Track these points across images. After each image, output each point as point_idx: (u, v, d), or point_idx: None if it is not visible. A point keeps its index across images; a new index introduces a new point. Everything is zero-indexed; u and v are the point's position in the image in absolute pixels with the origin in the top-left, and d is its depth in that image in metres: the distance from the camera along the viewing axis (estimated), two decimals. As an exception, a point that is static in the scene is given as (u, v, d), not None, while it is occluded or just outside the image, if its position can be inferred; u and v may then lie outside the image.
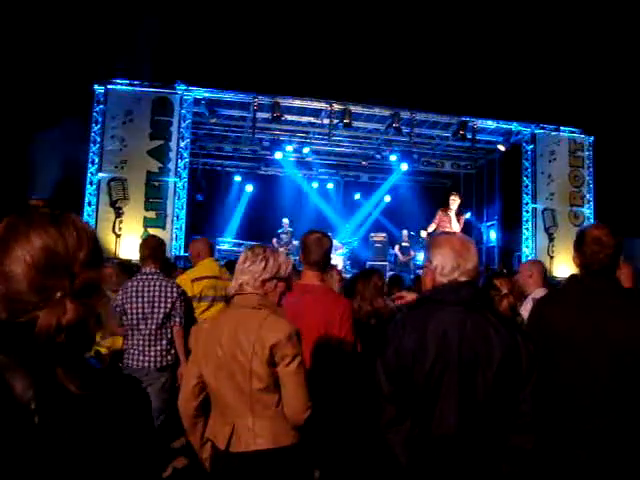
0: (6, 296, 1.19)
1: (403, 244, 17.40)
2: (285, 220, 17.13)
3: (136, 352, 5.12)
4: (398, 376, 2.45)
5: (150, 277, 5.25)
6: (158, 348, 5.13)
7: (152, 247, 5.47)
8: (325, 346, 3.63)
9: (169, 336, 5.20)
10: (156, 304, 5.13)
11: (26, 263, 1.19)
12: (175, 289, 5.25)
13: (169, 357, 5.20)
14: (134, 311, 5.13)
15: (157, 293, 5.15)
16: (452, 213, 12.25)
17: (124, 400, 1.30)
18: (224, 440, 2.73)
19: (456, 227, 12.19)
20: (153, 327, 5.12)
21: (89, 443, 1.18)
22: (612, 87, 16.83)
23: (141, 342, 5.12)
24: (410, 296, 4.90)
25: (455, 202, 12.32)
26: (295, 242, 15.76)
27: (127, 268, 6.48)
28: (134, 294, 5.15)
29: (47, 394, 1.14)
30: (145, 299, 5.13)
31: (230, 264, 10.61)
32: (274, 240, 16.78)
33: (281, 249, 15.98)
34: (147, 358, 5.11)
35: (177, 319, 5.21)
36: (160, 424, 5.17)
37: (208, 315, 5.82)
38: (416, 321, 2.52)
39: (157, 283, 5.20)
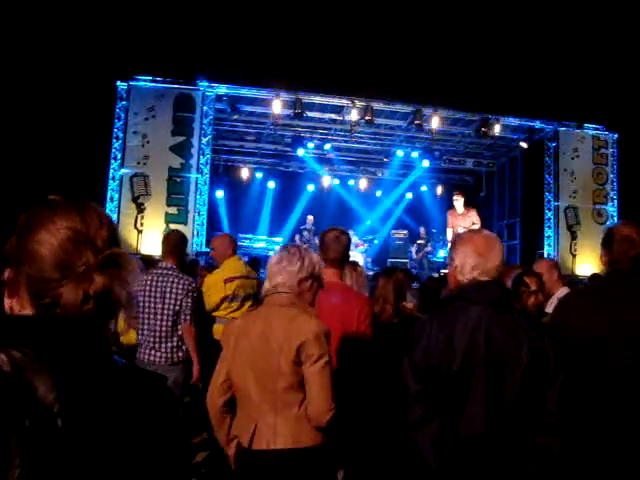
0: (30, 276, 1.23)
1: (419, 242, 17.37)
2: (310, 217, 17.10)
3: (148, 347, 5.14)
4: (426, 376, 2.45)
5: (165, 272, 5.26)
6: (169, 344, 5.13)
7: (173, 243, 5.51)
8: (343, 344, 3.63)
9: (180, 333, 5.19)
10: (166, 299, 5.13)
11: (51, 244, 1.23)
12: (185, 285, 5.21)
13: (180, 353, 5.19)
14: (146, 304, 5.15)
15: (168, 289, 5.16)
16: (460, 211, 12.39)
17: (149, 401, 1.30)
18: (247, 437, 2.73)
19: (469, 223, 12.25)
20: (164, 322, 5.13)
21: (113, 446, 1.18)
22: (637, 84, 16.63)
23: (152, 337, 5.13)
24: (409, 305, 4.90)
25: (459, 201, 12.45)
26: (316, 239, 15.75)
27: (150, 263, 6.50)
28: (147, 288, 5.17)
29: (70, 395, 1.13)
30: (158, 294, 5.15)
31: (253, 261, 10.67)
32: (297, 236, 16.80)
33: (304, 245, 16.01)
34: (158, 353, 5.12)
35: (184, 316, 5.18)
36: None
37: (235, 316, 5.84)
38: (443, 320, 2.51)
39: (170, 279, 5.20)
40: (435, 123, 15.82)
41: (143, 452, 1.24)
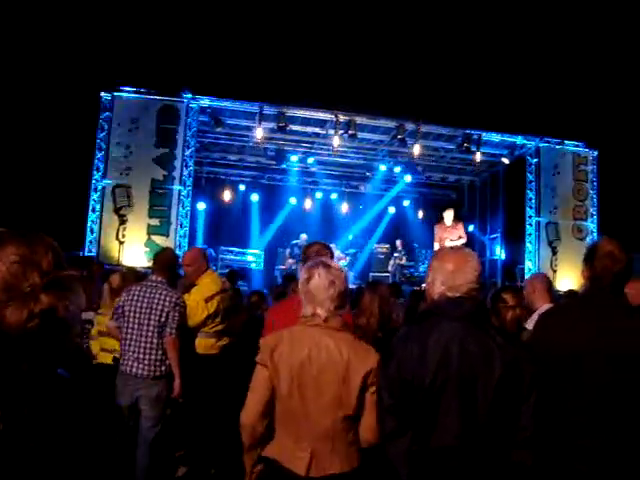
0: None
1: (395, 254, 17.44)
2: (303, 235, 17.00)
3: (131, 359, 5.09)
4: (399, 389, 2.46)
5: (153, 285, 5.26)
6: (153, 357, 5.09)
7: (166, 260, 5.54)
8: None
9: (164, 347, 5.15)
10: (152, 312, 5.11)
11: (0, 270, 1.31)
12: (172, 299, 5.20)
13: (163, 367, 5.14)
14: (131, 315, 5.13)
15: (155, 301, 5.14)
16: (449, 224, 12.54)
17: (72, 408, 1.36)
18: (303, 465, 2.65)
19: (456, 236, 12.36)
20: (149, 334, 5.09)
21: (42, 447, 1.24)
22: (616, 101, 16.84)
23: (136, 349, 5.09)
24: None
25: (448, 214, 12.58)
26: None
27: (136, 275, 6.47)
28: (135, 298, 5.17)
29: (11, 402, 1.19)
30: (145, 305, 5.13)
31: (232, 274, 10.67)
32: (287, 251, 16.81)
33: (291, 260, 16.05)
34: (141, 366, 5.07)
35: (169, 329, 5.14)
36: (158, 433, 5.16)
37: (218, 329, 5.83)
38: (418, 334, 2.53)
39: (158, 292, 5.19)
40: (417, 150, 16.01)
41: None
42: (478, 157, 16.58)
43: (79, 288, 1.42)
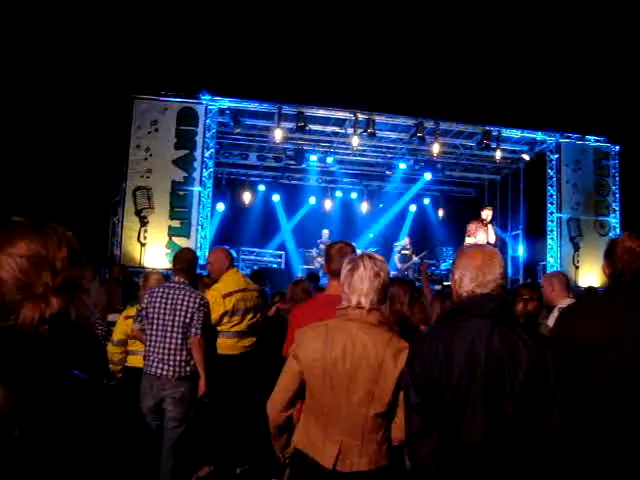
0: None
1: (403, 252, 17.33)
2: (325, 231, 17.08)
3: (156, 360, 5.12)
4: (426, 387, 2.45)
5: (177, 286, 5.28)
6: (177, 358, 5.11)
7: (186, 260, 5.54)
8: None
9: (189, 347, 5.17)
10: (177, 313, 5.13)
11: (11, 267, 1.26)
12: (197, 300, 5.23)
13: (188, 368, 5.17)
14: (155, 316, 5.16)
15: (179, 302, 5.16)
16: (488, 225, 12.38)
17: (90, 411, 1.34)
18: (330, 459, 2.66)
19: (492, 238, 12.26)
20: (174, 335, 5.12)
21: (52, 451, 1.21)
22: (638, 95, 16.66)
23: (161, 350, 5.12)
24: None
25: (489, 216, 12.45)
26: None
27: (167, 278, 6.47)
28: (158, 300, 5.19)
29: (26, 407, 1.17)
30: (168, 307, 5.15)
31: (256, 274, 10.68)
32: (314, 250, 16.85)
33: (320, 259, 16.08)
34: (166, 367, 5.10)
35: (194, 330, 5.16)
36: (183, 433, 5.19)
37: (238, 329, 5.84)
38: (443, 333, 2.52)
39: (182, 292, 5.22)
40: (436, 148, 16.12)
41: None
42: (498, 154, 16.52)
43: (96, 287, 1.40)
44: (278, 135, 15.24)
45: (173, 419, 5.13)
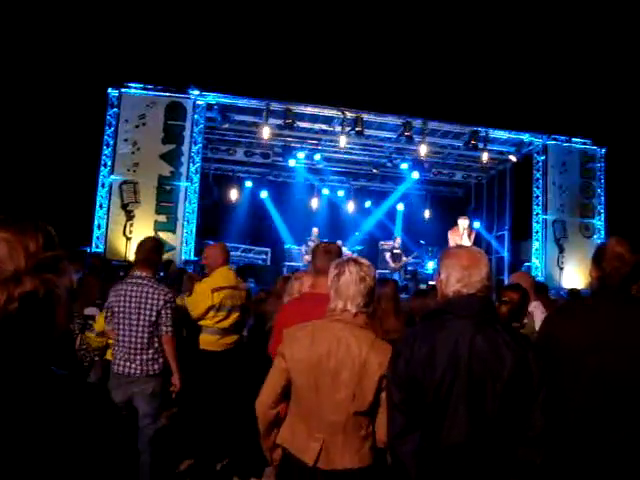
0: None
1: (395, 251, 17.35)
2: (315, 229, 17.00)
3: (122, 359, 4.96)
4: (408, 386, 2.45)
5: (139, 282, 5.02)
6: (144, 357, 4.94)
7: (147, 250, 5.22)
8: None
9: (156, 345, 4.99)
10: (141, 311, 4.93)
11: None
12: (162, 297, 4.99)
13: (156, 366, 4.99)
14: (121, 315, 4.97)
15: (144, 299, 4.94)
16: (462, 233, 12.56)
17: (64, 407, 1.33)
18: (312, 456, 2.69)
19: (467, 242, 12.41)
20: (139, 334, 4.93)
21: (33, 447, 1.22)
22: (624, 98, 16.78)
23: (127, 348, 4.94)
24: None
25: (462, 225, 12.66)
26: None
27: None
28: (122, 297, 4.98)
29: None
30: (133, 305, 4.95)
31: (241, 270, 10.67)
32: (303, 248, 16.80)
33: (307, 257, 16.06)
34: (133, 365, 4.93)
35: (164, 328, 4.99)
36: (159, 429, 5.14)
37: (222, 326, 5.83)
38: (427, 332, 2.53)
39: (145, 289, 4.98)
40: (424, 147, 16.17)
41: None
42: (485, 155, 16.58)
43: (69, 269, 1.40)
44: (266, 132, 15.23)
45: (147, 415, 5.00)
